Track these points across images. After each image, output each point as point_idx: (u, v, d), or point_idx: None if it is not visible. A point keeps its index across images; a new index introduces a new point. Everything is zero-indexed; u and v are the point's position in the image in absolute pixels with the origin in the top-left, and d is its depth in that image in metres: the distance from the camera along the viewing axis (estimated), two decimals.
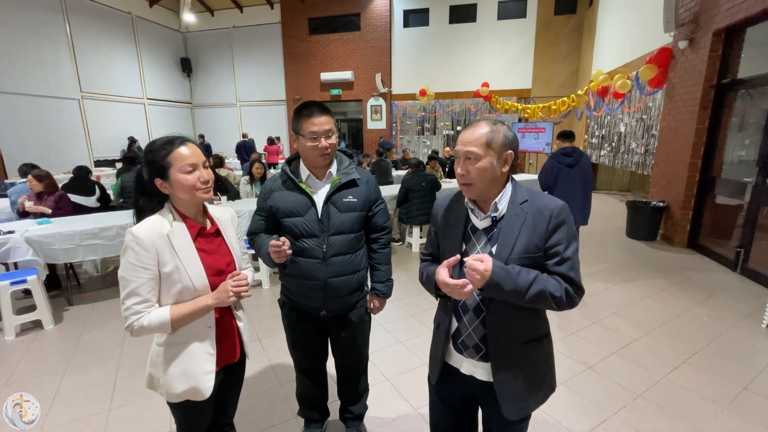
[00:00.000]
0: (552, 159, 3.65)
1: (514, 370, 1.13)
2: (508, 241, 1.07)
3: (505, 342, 1.12)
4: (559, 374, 2.38)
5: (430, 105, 11.73)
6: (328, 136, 1.45)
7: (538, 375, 1.17)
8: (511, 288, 1.00)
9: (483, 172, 1.06)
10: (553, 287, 1.03)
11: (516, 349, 1.13)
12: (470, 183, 1.08)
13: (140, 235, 1.09)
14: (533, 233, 1.05)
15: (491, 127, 1.07)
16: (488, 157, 1.05)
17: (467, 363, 1.19)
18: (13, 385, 2.38)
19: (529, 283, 1.01)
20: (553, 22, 10.38)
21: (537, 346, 1.17)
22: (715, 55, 4.44)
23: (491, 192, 1.10)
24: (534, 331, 1.16)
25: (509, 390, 1.13)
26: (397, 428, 1.98)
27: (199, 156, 1.17)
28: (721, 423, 1.97)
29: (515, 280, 1.00)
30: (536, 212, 1.06)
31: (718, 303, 3.35)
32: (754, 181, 3.90)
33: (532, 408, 1.18)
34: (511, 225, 1.07)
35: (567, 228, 1.06)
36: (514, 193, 1.11)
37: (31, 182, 3.74)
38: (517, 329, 1.12)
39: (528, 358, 1.15)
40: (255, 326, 3.07)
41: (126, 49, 11.25)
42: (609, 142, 7.94)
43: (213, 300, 1.16)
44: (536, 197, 1.10)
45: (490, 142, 1.05)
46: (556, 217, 1.05)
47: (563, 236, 1.05)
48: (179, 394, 1.19)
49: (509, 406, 1.13)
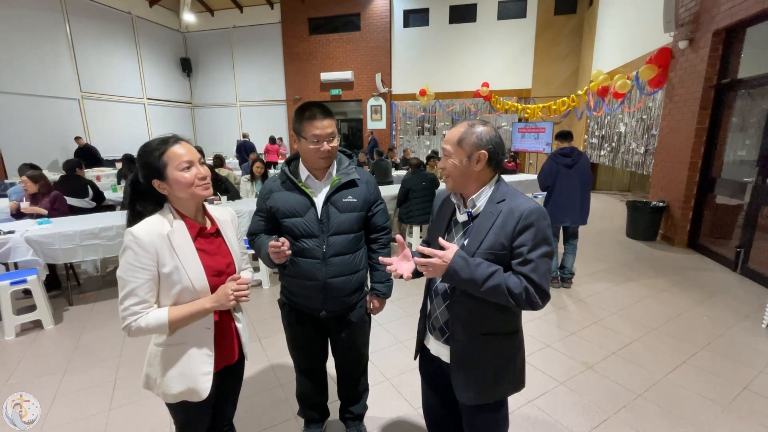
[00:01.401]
0: (550, 159, 3.65)
1: (469, 358, 1.21)
2: (479, 236, 1.15)
3: (464, 330, 1.20)
4: (559, 374, 2.39)
5: (430, 105, 11.72)
6: (330, 140, 1.45)
7: (496, 369, 1.22)
8: (467, 277, 1.07)
9: (454, 167, 1.17)
10: (512, 284, 1.07)
11: (473, 339, 1.20)
12: (447, 176, 1.20)
13: (140, 236, 1.08)
14: (501, 232, 1.11)
15: (467, 127, 1.16)
16: (458, 155, 1.15)
17: (434, 344, 1.31)
18: (13, 385, 2.38)
19: (486, 275, 1.07)
20: (553, 22, 10.38)
21: (498, 341, 1.21)
22: (715, 55, 4.43)
23: (467, 188, 1.19)
24: (497, 325, 1.20)
25: (461, 376, 1.22)
26: (397, 428, 1.98)
27: (194, 153, 1.16)
28: (721, 423, 1.97)
29: (473, 271, 1.07)
30: (508, 212, 1.11)
31: (718, 303, 3.34)
32: (754, 181, 3.90)
33: (484, 399, 1.24)
34: (483, 222, 1.15)
35: (535, 231, 1.09)
36: (495, 191, 1.17)
37: (26, 183, 3.72)
38: (477, 319, 1.19)
39: (486, 349, 1.20)
40: (255, 326, 3.07)
41: (126, 49, 11.25)
42: (609, 142, 7.93)
43: (212, 303, 1.16)
44: (514, 198, 1.14)
45: (461, 141, 1.15)
46: (525, 219, 1.09)
47: (529, 238, 1.08)
48: (176, 394, 1.18)
49: (460, 390, 1.23)
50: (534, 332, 2.90)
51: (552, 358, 2.58)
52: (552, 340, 2.80)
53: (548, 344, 2.74)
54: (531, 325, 3.01)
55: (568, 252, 3.71)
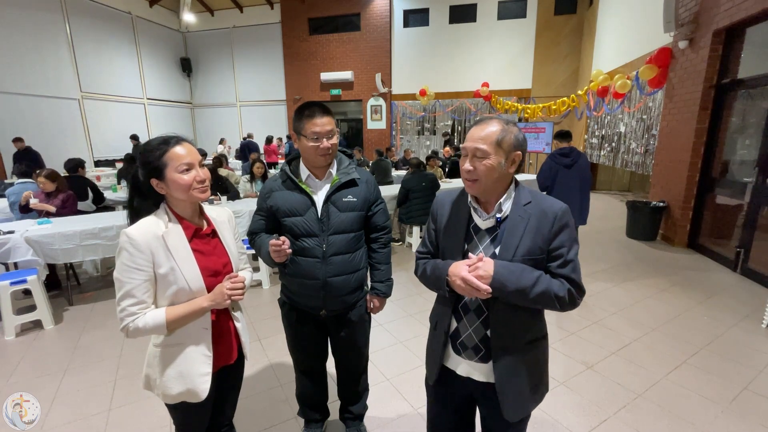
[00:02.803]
0: (550, 159, 3.65)
1: (516, 370, 1.12)
2: (512, 242, 1.07)
3: (509, 342, 1.12)
4: (559, 374, 2.39)
5: (430, 105, 11.72)
6: (329, 137, 1.46)
7: (538, 375, 1.19)
8: (515, 287, 1.01)
9: (490, 170, 1.05)
10: (556, 287, 1.04)
11: (519, 350, 1.13)
12: (476, 179, 1.07)
13: (134, 237, 1.08)
14: (537, 235, 1.06)
15: (503, 126, 1.06)
16: (496, 156, 1.04)
17: (465, 364, 1.19)
18: (13, 385, 2.38)
19: (532, 282, 1.02)
20: (553, 22, 10.38)
21: (538, 346, 1.19)
22: (715, 55, 4.43)
23: (495, 191, 1.10)
24: (535, 331, 1.17)
25: (511, 391, 1.12)
26: (397, 428, 1.98)
27: (195, 155, 1.16)
28: (721, 423, 1.97)
29: (518, 280, 1.01)
30: (540, 214, 1.06)
31: (718, 303, 3.34)
32: (754, 181, 3.90)
33: (530, 408, 1.19)
34: (514, 226, 1.07)
35: (569, 231, 1.07)
36: (519, 194, 1.11)
37: (44, 183, 3.74)
38: (520, 329, 1.13)
39: (530, 358, 1.16)
40: (255, 326, 3.07)
41: (126, 49, 11.25)
42: (609, 142, 7.93)
43: (208, 302, 1.16)
44: (539, 199, 1.11)
45: (501, 141, 1.04)
46: (560, 220, 1.06)
47: (566, 239, 1.06)
48: (175, 395, 1.18)
49: (510, 406, 1.13)
50: None
51: (552, 358, 2.55)
52: (552, 340, 2.79)
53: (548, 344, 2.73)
54: None
55: None
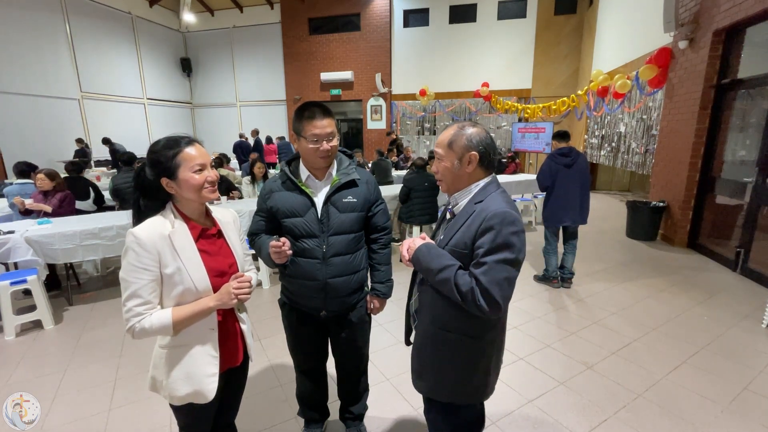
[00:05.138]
0: (549, 159, 3.65)
1: (424, 347, 1.27)
2: (450, 233, 1.20)
3: (424, 319, 1.27)
4: (559, 374, 2.39)
5: (430, 105, 11.72)
6: (329, 139, 1.45)
7: (450, 368, 1.22)
8: (425, 265, 1.16)
9: (446, 170, 1.20)
10: (462, 281, 1.09)
11: (429, 330, 1.25)
12: (440, 180, 1.24)
13: (141, 236, 1.08)
14: (467, 231, 1.14)
15: (456, 129, 1.18)
16: (449, 158, 1.18)
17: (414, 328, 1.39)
18: (13, 385, 2.38)
19: (441, 267, 1.12)
20: (553, 22, 10.38)
21: (455, 340, 1.20)
22: (715, 55, 4.43)
23: (456, 189, 1.23)
24: (454, 323, 1.19)
25: (415, 363, 1.31)
26: (397, 428, 1.98)
27: (206, 156, 1.18)
28: (721, 423, 1.97)
29: (430, 261, 1.15)
30: (477, 213, 1.13)
31: (718, 303, 3.34)
32: (754, 181, 3.90)
33: (432, 394, 1.28)
34: (457, 220, 1.19)
35: (494, 235, 1.07)
36: (479, 192, 1.19)
37: (43, 181, 3.72)
38: (436, 312, 1.22)
39: (441, 345, 1.22)
40: (255, 326, 3.07)
41: (126, 49, 11.24)
42: (609, 142, 7.93)
43: (215, 302, 1.16)
44: (490, 201, 1.14)
45: (451, 143, 1.17)
46: (487, 221, 1.09)
47: (486, 241, 1.08)
48: (182, 396, 1.18)
49: (413, 376, 1.32)
50: (534, 332, 2.90)
51: (552, 358, 2.58)
52: (552, 340, 2.80)
53: (548, 344, 2.74)
54: (531, 325, 3.01)
55: (568, 252, 3.71)
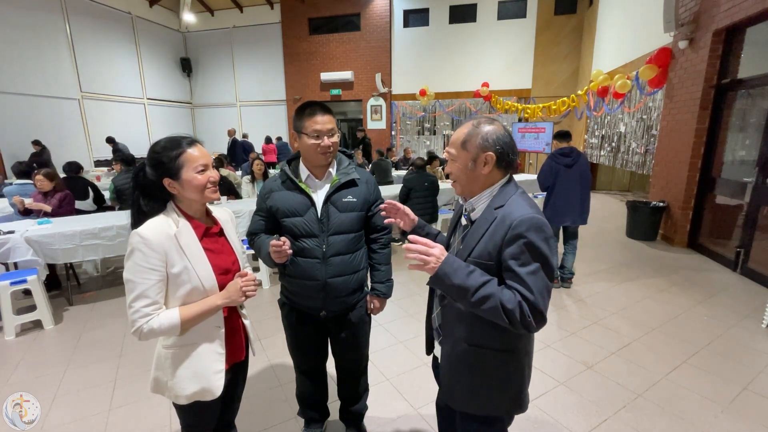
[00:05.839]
0: (550, 159, 3.65)
1: (455, 365, 1.16)
2: (471, 242, 1.07)
3: (451, 335, 1.16)
4: (559, 374, 2.39)
5: (430, 105, 11.72)
6: (330, 135, 1.46)
7: (485, 382, 1.12)
8: (459, 282, 0.97)
9: (460, 171, 1.10)
10: (506, 297, 0.95)
11: (459, 347, 1.13)
12: (454, 181, 1.14)
13: (148, 237, 1.08)
14: (490, 240, 1.02)
15: (471, 127, 1.07)
16: (462, 158, 1.08)
17: (436, 343, 1.30)
18: (13, 385, 2.38)
19: (479, 283, 0.97)
20: (553, 22, 10.38)
21: (487, 355, 1.10)
22: (715, 55, 4.43)
23: (472, 192, 1.12)
24: (486, 339, 1.09)
25: (447, 379, 1.20)
26: (397, 428, 1.98)
27: (208, 156, 1.20)
28: (721, 423, 1.97)
29: (464, 277, 0.97)
30: (500, 220, 1.02)
31: (718, 303, 3.34)
32: (754, 181, 3.90)
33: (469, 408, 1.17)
34: (478, 227, 1.07)
35: (525, 244, 0.97)
36: (497, 195, 1.08)
37: (42, 182, 3.72)
38: (464, 328, 1.11)
39: (473, 360, 1.12)
40: (255, 326, 3.07)
41: (126, 49, 11.23)
42: (609, 142, 7.93)
43: (223, 299, 1.17)
44: (512, 204, 1.03)
45: (465, 143, 1.06)
46: (514, 229, 0.98)
47: (517, 251, 0.97)
48: (189, 395, 1.19)
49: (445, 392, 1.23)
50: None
51: (552, 358, 2.58)
52: (552, 340, 2.80)
53: (548, 344, 2.74)
54: None
55: (568, 252, 3.71)
